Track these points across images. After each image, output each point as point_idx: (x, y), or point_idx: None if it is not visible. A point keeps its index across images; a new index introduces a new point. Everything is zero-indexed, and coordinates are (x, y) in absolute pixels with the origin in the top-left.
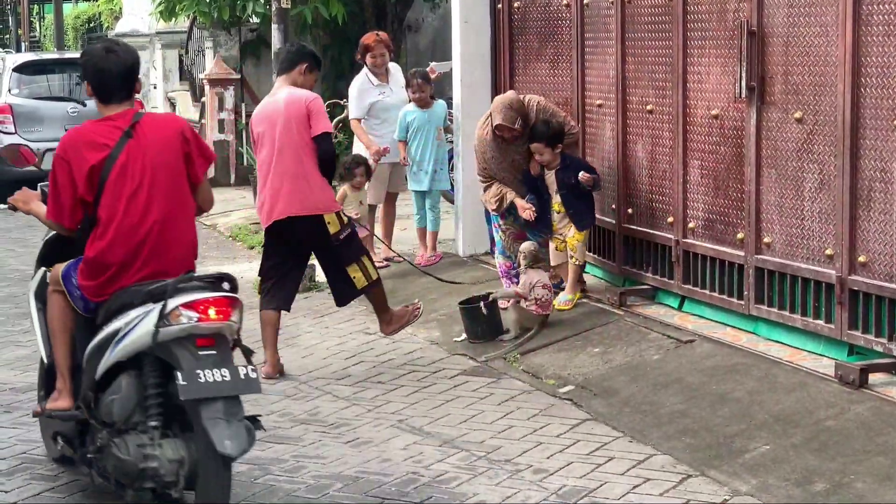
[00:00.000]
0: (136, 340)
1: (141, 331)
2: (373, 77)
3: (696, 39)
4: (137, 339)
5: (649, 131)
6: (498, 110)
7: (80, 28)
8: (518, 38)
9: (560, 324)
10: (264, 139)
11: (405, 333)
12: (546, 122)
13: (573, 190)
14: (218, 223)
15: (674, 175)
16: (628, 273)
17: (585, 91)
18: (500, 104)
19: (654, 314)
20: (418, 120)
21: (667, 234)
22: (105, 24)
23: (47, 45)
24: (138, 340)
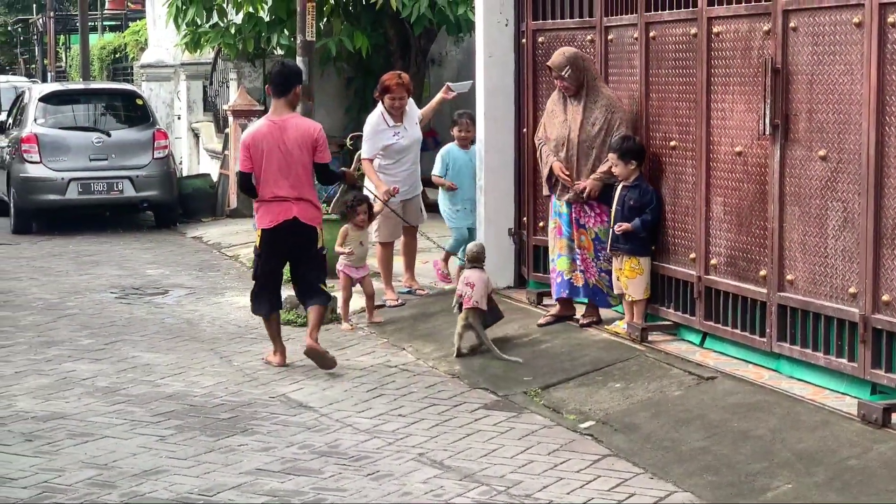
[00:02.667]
0: None
1: None
2: (388, 117)
3: (720, 76)
4: None
5: (672, 167)
6: (555, 54)
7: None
8: (542, 72)
9: (580, 359)
10: (272, 157)
11: (426, 367)
12: (627, 137)
13: (630, 211)
14: (240, 254)
15: (696, 211)
16: (651, 308)
17: None
18: (559, 51)
19: (676, 350)
20: (460, 160)
21: (689, 270)
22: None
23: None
24: None
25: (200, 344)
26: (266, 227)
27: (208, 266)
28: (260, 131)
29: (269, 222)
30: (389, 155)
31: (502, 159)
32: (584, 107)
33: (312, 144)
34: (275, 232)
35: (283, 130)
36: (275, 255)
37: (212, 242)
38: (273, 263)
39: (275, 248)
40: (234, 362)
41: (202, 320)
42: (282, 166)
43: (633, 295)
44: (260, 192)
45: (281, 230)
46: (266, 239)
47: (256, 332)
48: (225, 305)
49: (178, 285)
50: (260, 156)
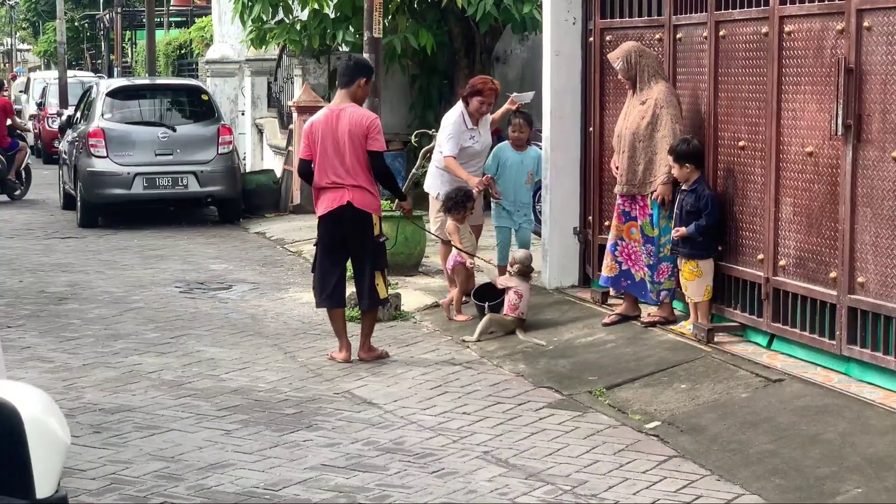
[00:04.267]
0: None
1: None
2: (468, 119)
3: (791, 76)
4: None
5: (741, 167)
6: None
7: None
8: (609, 71)
9: (645, 359)
10: (326, 143)
11: (490, 365)
12: (685, 140)
13: (688, 215)
14: (303, 250)
15: (765, 212)
16: (717, 309)
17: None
18: (623, 45)
19: (743, 352)
20: (511, 160)
21: (756, 272)
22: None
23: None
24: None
25: (264, 339)
26: (322, 214)
27: (271, 262)
28: (318, 119)
29: (325, 209)
30: (462, 157)
31: (568, 158)
32: (636, 101)
33: (364, 132)
34: (330, 218)
35: (338, 119)
36: (332, 244)
37: (275, 238)
38: (332, 253)
39: (331, 235)
40: (298, 358)
41: (266, 316)
42: (336, 153)
43: (692, 297)
44: (316, 179)
45: (335, 216)
46: (322, 227)
47: (320, 328)
48: (288, 301)
49: (242, 280)
50: (316, 143)
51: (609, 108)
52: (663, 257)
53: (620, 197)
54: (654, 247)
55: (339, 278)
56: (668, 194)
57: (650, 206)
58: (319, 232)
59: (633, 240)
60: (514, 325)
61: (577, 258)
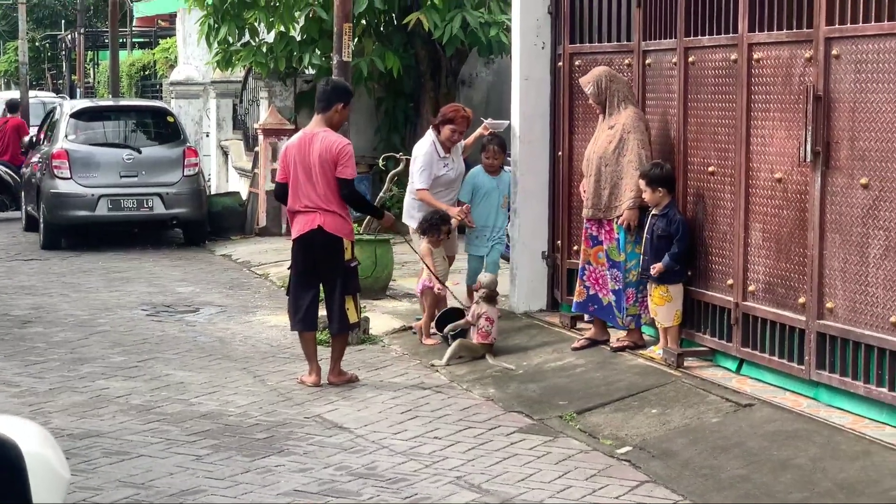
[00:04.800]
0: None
1: None
2: (440, 148)
3: (760, 102)
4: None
5: (710, 192)
6: (589, 73)
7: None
8: (578, 95)
9: (616, 384)
10: (298, 168)
11: (460, 389)
12: (656, 164)
13: (658, 240)
14: (270, 273)
15: (734, 237)
16: (686, 334)
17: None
18: (594, 69)
19: (713, 376)
20: (486, 185)
21: (726, 297)
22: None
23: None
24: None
25: (233, 363)
26: (295, 237)
27: (238, 284)
28: (292, 143)
29: (297, 232)
30: (437, 185)
31: (537, 182)
32: (606, 126)
33: (334, 158)
34: (302, 242)
35: (311, 144)
36: (305, 268)
37: (241, 261)
38: (304, 276)
39: (304, 259)
40: (267, 382)
41: (234, 339)
42: (308, 178)
43: (662, 321)
44: (289, 202)
45: (307, 240)
46: (295, 250)
47: (289, 351)
48: (256, 324)
49: (209, 303)
50: (290, 167)
51: (578, 133)
52: (629, 282)
53: (587, 221)
54: (620, 272)
55: (311, 301)
56: (633, 219)
57: (616, 230)
58: (293, 255)
59: (600, 264)
60: (484, 349)
61: (546, 282)
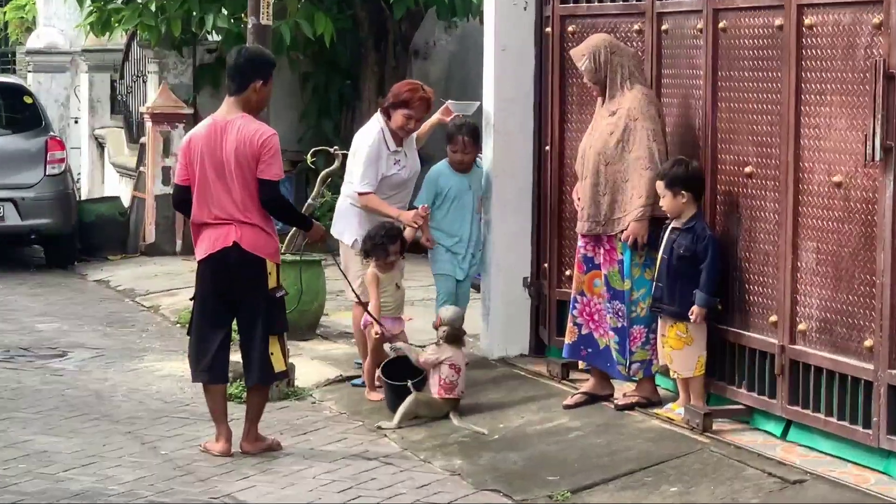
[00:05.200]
0: None
1: None
2: (390, 139)
3: (813, 82)
4: None
5: (748, 201)
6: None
7: None
8: (572, 72)
9: (623, 454)
10: (206, 166)
11: (417, 461)
12: (679, 161)
13: (679, 262)
14: (161, 304)
15: (779, 260)
16: (715, 387)
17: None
18: (590, 38)
19: (750, 443)
20: (456, 186)
21: (768, 338)
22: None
23: None
24: None
25: (114, 424)
26: (201, 258)
27: (119, 320)
28: (198, 134)
29: (204, 251)
30: (383, 189)
31: (517, 186)
32: (605, 112)
33: (255, 153)
34: (211, 264)
35: (224, 134)
36: (214, 298)
37: (122, 288)
38: (213, 310)
39: (213, 287)
40: (160, 450)
41: (115, 392)
42: (220, 179)
43: (680, 371)
44: (194, 212)
45: (218, 262)
46: (201, 275)
47: (189, 409)
48: (144, 373)
49: (80, 345)
50: (195, 165)
51: (572, 121)
52: (636, 318)
53: (582, 238)
54: (623, 304)
55: (221, 344)
56: (642, 234)
57: (619, 249)
58: (197, 281)
59: (597, 294)
60: (447, 406)
61: (529, 318)
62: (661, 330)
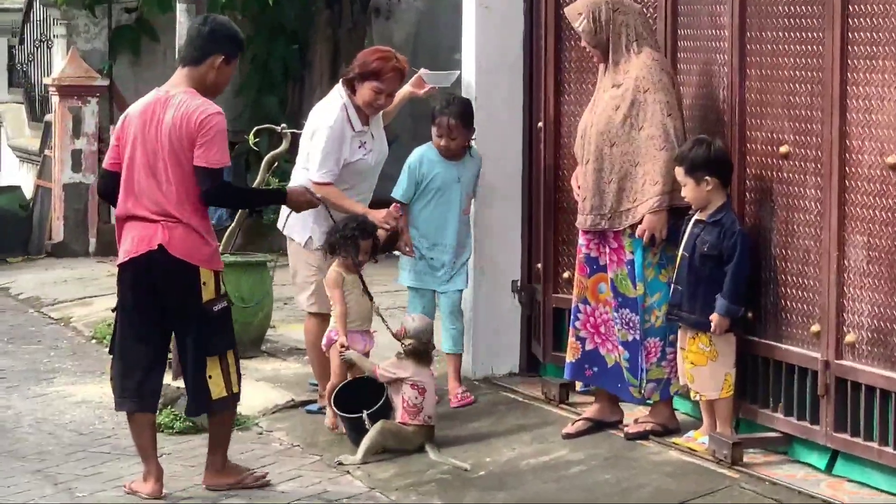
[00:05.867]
0: None
1: None
2: (355, 116)
3: (862, 44)
4: None
5: (783, 187)
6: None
7: None
8: (569, 34)
9: (636, 492)
10: (137, 147)
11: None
12: (700, 141)
13: (703, 261)
14: (72, 316)
15: (822, 258)
16: (746, 411)
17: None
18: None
19: (789, 478)
20: (441, 176)
21: (809, 352)
22: None
23: None
24: None
25: (20, 461)
26: (121, 262)
27: (22, 335)
28: (135, 108)
29: (126, 254)
30: (346, 178)
31: (504, 172)
32: (609, 83)
33: (192, 135)
34: (132, 270)
35: (163, 110)
36: (138, 310)
37: (25, 297)
38: (138, 323)
39: (136, 296)
40: (76, 492)
41: (20, 423)
42: (148, 165)
43: (704, 392)
44: (118, 204)
45: (141, 267)
46: (122, 281)
47: (109, 442)
48: (55, 399)
49: None
50: (127, 146)
51: (570, 93)
52: (650, 329)
53: (583, 234)
54: (634, 313)
55: (151, 365)
56: (661, 229)
57: (628, 248)
58: (119, 290)
59: (603, 302)
60: (420, 436)
61: (519, 331)
62: (680, 342)
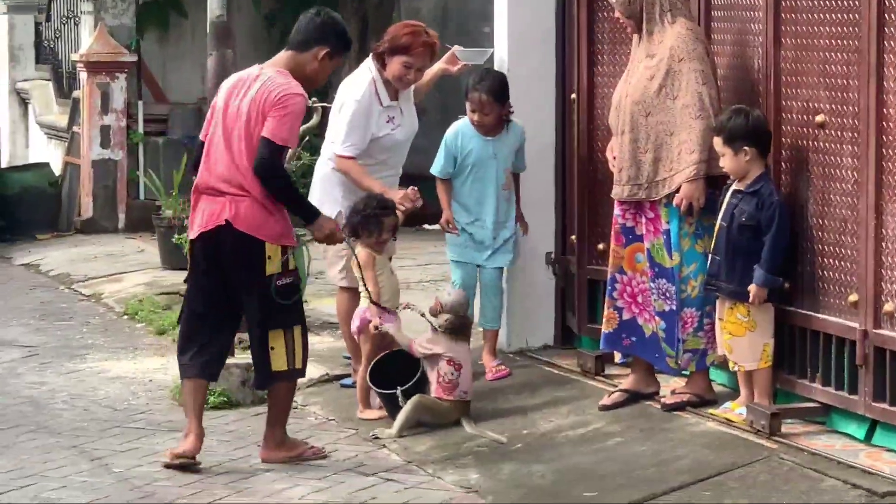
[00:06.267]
0: None
1: None
2: (383, 91)
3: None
4: None
5: (819, 157)
6: None
7: None
8: (603, 5)
9: (673, 463)
10: (220, 120)
11: (424, 475)
12: (738, 111)
13: (741, 231)
14: (103, 292)
15: (859, 227)
16: (783, 382)
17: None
18: None
19: (828, 448)
20: (477, 151)
21: (847, 322)
22: None
23: None
24: None
25: (55, 437)
26: (193, 237)
27: (54, 312)
28: (227, 82)
29: (197, 228)
30: (373, 153)
31: (537, 144)
32: (643, 53)
33: (266, 108)
34: (202, 245)
35: (252, 84)
36: (204, 283)
37: (56, 274)
38: (202, 295)
39: (203, 270)
40: (113, 468)
41: (54, 399)
42: (226, 137)
43: (739, 361)
44: (197, 177)
45: (210, 243)
46: (192, 255)
47: (144, 418)
48: (89, 375)
49: (9, 342)
50: (213, 118)
51: (604, 63)
52: (686, 299)
53: (619, 205)
54: (670, 283)
55: (214, 335)
56: (698, 197)
57: (664, 217)
58: (189, 262)
59: (640, 271)
60: (456, 411)
61: (553, 303)
62: (718, 313)
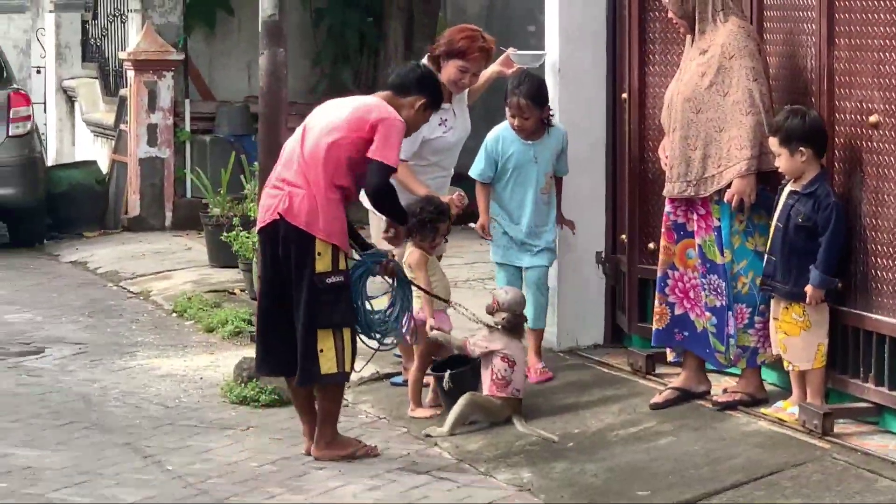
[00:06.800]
0: None
1: None
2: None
3: None
4: None
5: (873, 157)
6: None
7: None
8: (654, 5)
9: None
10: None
11: (476, 474)
12: (795, 111)
13: (797, 232)
14: (151, 290)
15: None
16: (836, 381)
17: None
18: None
19: (881, 449)
20: (517, 156)
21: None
22: None
23: None
24: None
25: (108, 435)
26: (258, 229)
27: (103, 309)
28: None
29: (259, 222)
30: (424, 154)
31: (588, 142)
32: (696, 51)
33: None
34: (263, 239)
35: (343, 104)
36: (267, 278)
37: (104, 271)
38: (267, 290)
39: (264, 265)
40: (166, 465)
41: (106, 396)
42: (304, 138)
43: (796, 362)
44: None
45: (267, 237)
46: (258, 250)
47: (196, 415)
48: (139, 373)
49: (59, 340)
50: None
51: (655, 63)
52: (738, 296)
53: (670, 202)
54: (722, 279)
55: (277, 333)
56: (749, 193)
57: (715, 214)
58: (260, 260)
59: (691, 267)
60: (508, 409)
61: (603, 302)
62: (773, 313)
